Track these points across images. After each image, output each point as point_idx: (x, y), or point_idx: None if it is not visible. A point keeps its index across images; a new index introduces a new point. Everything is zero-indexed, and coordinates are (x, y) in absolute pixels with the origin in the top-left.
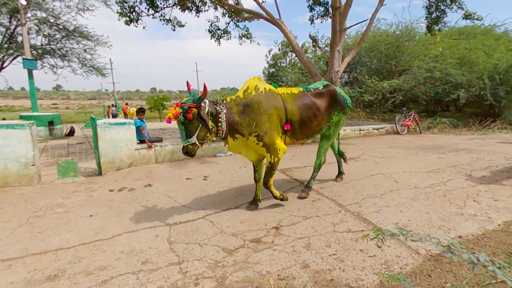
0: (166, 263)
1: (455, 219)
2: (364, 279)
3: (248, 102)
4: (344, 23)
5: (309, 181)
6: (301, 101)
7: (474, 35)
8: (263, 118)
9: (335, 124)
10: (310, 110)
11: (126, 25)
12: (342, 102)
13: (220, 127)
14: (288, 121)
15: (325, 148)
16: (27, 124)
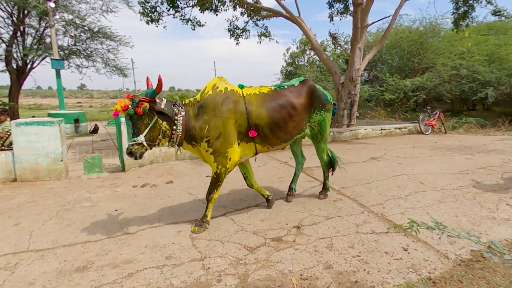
0: (189, 259)
1: (487, 223)
2: (390, 282)
3: (202, 103)
4: (366, 20)
5: (324, 182)
6: (272, 101)
7: (504, 31)
8: (217, 121)
9: (318, 124)
10: (284, 110)
11: (147, 24)
12: (322, 98)
13: (175, 131)
14: (253, 126)
15: (322, 149)
16: (56, 121)
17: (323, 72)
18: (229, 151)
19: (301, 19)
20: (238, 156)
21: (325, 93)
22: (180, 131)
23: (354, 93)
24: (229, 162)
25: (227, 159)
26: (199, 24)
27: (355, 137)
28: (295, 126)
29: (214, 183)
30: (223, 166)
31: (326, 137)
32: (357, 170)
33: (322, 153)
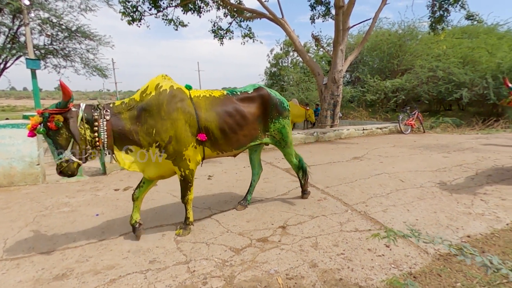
0: (174, 262)
1: (463, 219)
2: (373, 279)
3: (145, 105)
4: (347, 22)
5: (300, 184)
6: (221, 107)
7: (477, 34)
8: (165, 124)
9: (279, 132)
10: (232, 119)
11: (129, 24)
12: (278, 106)
13: (99, 138)
14: (203, 129)
15: (289, 153)
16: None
17: (306, 73)
18: (186, 154)
19: (284, 20)
20: (200, 156)
21: (281, 100)
22: (104, 137)
23: (337, 94)
24: (190, 164)
25: (187, 161)
26: (182, 24)
27: (339, 137)
28: (245, 134)
29: (185, 186)
30: (186, 168)
31: (290, 141)
32: (341, 170)
33: (290, 156)
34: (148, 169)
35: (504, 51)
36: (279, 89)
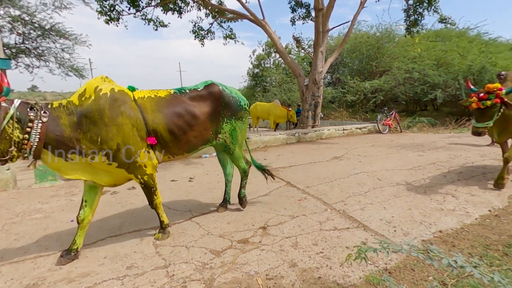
0: (152, 267)
1: (436, 215)
2: (350, 276)
3: (85, 111)
4: (327, 25)
5: (240, 191)
6: (169, 107)
7: (449, 38)
8: (110, 131)
9: (230, 135)
10: (181, 119)
11: (106, 24)
12: (233, 105)
13: (28, 141)
14: (152, 132)
15: (237, 157)
16: None
17: (288, 75)
18: (139, 160)
19: (265, 22)
20: (155, 159)
21: (238, 99)
22: (35, 142)
23: (318, 94)
24: (147, 169)
25: (142, 167)
26: (162, 24)
27: (320, 137)
28: (198, 135)
29: (148, 192)
30: (143, 175)
31: (240, 145)
32: (321, 169)
33: (238, 160)
34: (98, 177)
35: (474, 54)
36: (261, 90)
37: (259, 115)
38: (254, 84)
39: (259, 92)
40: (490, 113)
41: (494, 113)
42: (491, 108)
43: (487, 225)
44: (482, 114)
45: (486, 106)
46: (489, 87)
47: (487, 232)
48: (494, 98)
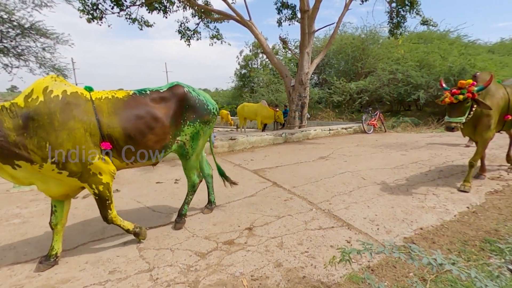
0: (136, 271)
1: (417, 212)
2: (334, 274)
3: (33, 114)
4: (313, 26)
5: (182, 207)
6: (128, 110)
7: (431, 40)
8: (60, 136)
9: (191, 138)
10: (141, 121)
11: (88, 23)
12: (198, 108)
13: None
14: (106, 137)
15: (191, 167)
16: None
17: (276, 75)
18: (93, 167)
19: (251, 23)
20: (112, 165)
21: (205, 101)
22: None
23: (304, 95)
24: (103, 177)
25: (97, 175)
26: (147, 24)
27: (306, 138)
28: (157, 140)
29: (102, 205)
30: (98, 184)
31: (198, 153)
32: (307, 169)
33: (191, 171)
34: (47, 187)
35: (454, 55)
36: (249, 90)
37: (246, 115)
38: (242, 84)
39: (247, 93)
40: (462, 108)
41: (466, 109)
42: (463, 103)
43: (465, 222)
44: (455, 109)
45: (459, 101)
46: (462, 83)
47: (465, 228)
48: (466, 93)
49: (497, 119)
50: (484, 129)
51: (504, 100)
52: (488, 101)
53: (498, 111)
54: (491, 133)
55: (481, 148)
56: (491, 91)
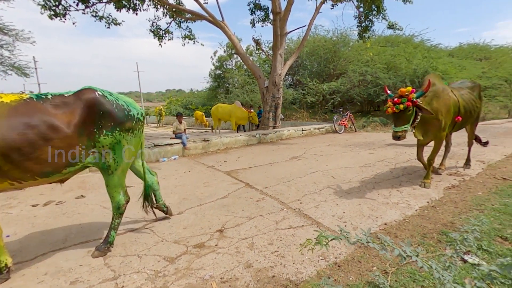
0: (100, 280)
1: (382, 208)
2: (303, 272)
3: None
4: (285, 28)
5: (108, 233)
6: (14, 117)
7: (397, 43)
8: None
9: (111, 149)
10: (32, 132)
11: (51, 19)
12: (116, 114)
13: None
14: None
15: (114, 185)
16: None
17: (250, 76)
18: None
19: (224, 23)
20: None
21: (126, 106)
22: None
23: (278, 96)
24: None
25: None
26: (115, 22)
27: (280, 138)
28: (59, 154)
29: None
30: None
31: (125, 168)
32: (280, 170)
33: (114, 189)
34: None
35: (418, 58)
36: (224, 91)
37: (221, 116)
38: (217, 85)
39: (222, 94)
40: (405, 117)
41: (410, 117)
42: (405, 111)
43: (425, 216)
44: (398, 118)
45: (400, 110)
46: (402, 91)
47: (425, 222)
48: (406, 101)
49: (450, 119)
50: (437, 130)
51: (453, 102)
52: (435, 104)
53: (449, 112)
54: (445, 133)
55: (437, 147)
56: (439, 94)
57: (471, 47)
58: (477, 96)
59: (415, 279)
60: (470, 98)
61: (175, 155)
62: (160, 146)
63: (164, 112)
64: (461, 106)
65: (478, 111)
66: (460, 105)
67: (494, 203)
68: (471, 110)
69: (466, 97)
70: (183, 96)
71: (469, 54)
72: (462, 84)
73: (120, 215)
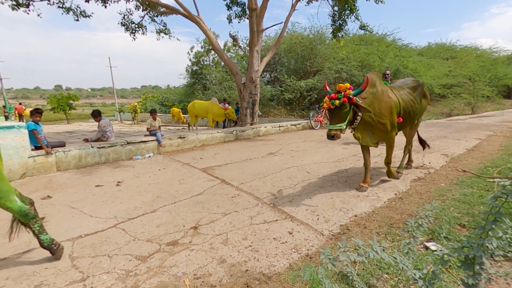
0: (67, 282)
1: (353, 201)
2: (276, 265)
3: None
4: (261, 25)
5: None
6: None
7: (371, 42)
8: None
9: None
10: None
11: (13, 10)
12: None
13: None
14: None
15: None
16: None
17: (228, 72)
18: None
19: (200, 18)
20: None
21: None
22: None
23: (255, 92)
24: None
25: None
26: (83, 14)
27: (257, 135)
28: None
29: None
30: None
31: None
32: (256, 166)
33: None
34: None
35: (390, 57)
36: (201, 87)
37: (197, 113)
38: (194, 81)
39: (199, 90)
40: (341, 115)
41: (346, 115)
42: (341, 109)
43: (393, 207)
44: (334, 115)
45: (336, 106)
46: (340, 87)
47: (392, 212)
48: (343, 97)
49: (394, 120)
50: (384, 132)
51: (395, 102)
52: (377, 106)
53: (392, 113)
54: (394, 132)
55: (390, 149)
56: (379, 96)
57: (438, 47)
58: (418, 96)
59: (381, 267)
60: (409, 99)
61: (149, 153)
62: (134, 143)
63: (139, 109)
64: (401, 107)
65: (421, 112)
66: (401, 105)
67: (454, 193)
68: (411, 111)
69: (406, 97)
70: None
71: (437, 53)
72: (404, 83)
73: (33, 219)
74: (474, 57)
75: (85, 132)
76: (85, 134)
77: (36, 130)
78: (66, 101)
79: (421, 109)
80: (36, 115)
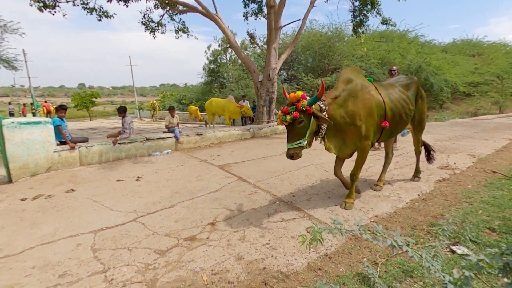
0: (89, 273)
1: (373, 201)
2: (294, 264)
3: None
4: (279, 22)
5: None
6: None
7: (392, 39)
8: None
9: None
10: None
11: (40, 11)
12: None
13: None
14: None
15: None
16: None
17: (245, 71)
18: None
19: (218, 16)
20: None
21: None
22: None
23: (272, 90)
24: None
25: None
26: (106, 15)
27: (274, 132)
28: None
29: None
30: None
31: None
32: (273, 163)
33: None
34: None
35: (412, 54)
36: (218, 85)
37: (214, 111)
38: (211, 80)
39: (216, 88)
40: (297, 130)
41: (303, 129)
42: (295, 124)
43: (416, 208)
44: (290, 133)
45: (289, 122)
46: (291, 97)
47: (415, 214)
48: (294, 111)
49: (374, 124)
50: (357, 138)
51: (377, 102)
52: (351, 105)
53: (372, 115)
54: (369, 142)
55: (360, 160)
56: (356, 93)
57: (464, 43)
58: (412, 95)
59: (404, 269)
60: (400, 98)
61: (168, 149)
62: (153, 140)
63: (158, 107)
64: (388, 108)
65: (420, 115)
66: (387, 106)
67: (483, 195)
68: (401, 113)
69: (395, 97)
70: (177, 90)
71: (462, 50)
72: (396, 81)
73: None
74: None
75: (107, 129)
76: (107, 130)
77: (61, 126)
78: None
79: (419, 111)
80: (61, 111)
